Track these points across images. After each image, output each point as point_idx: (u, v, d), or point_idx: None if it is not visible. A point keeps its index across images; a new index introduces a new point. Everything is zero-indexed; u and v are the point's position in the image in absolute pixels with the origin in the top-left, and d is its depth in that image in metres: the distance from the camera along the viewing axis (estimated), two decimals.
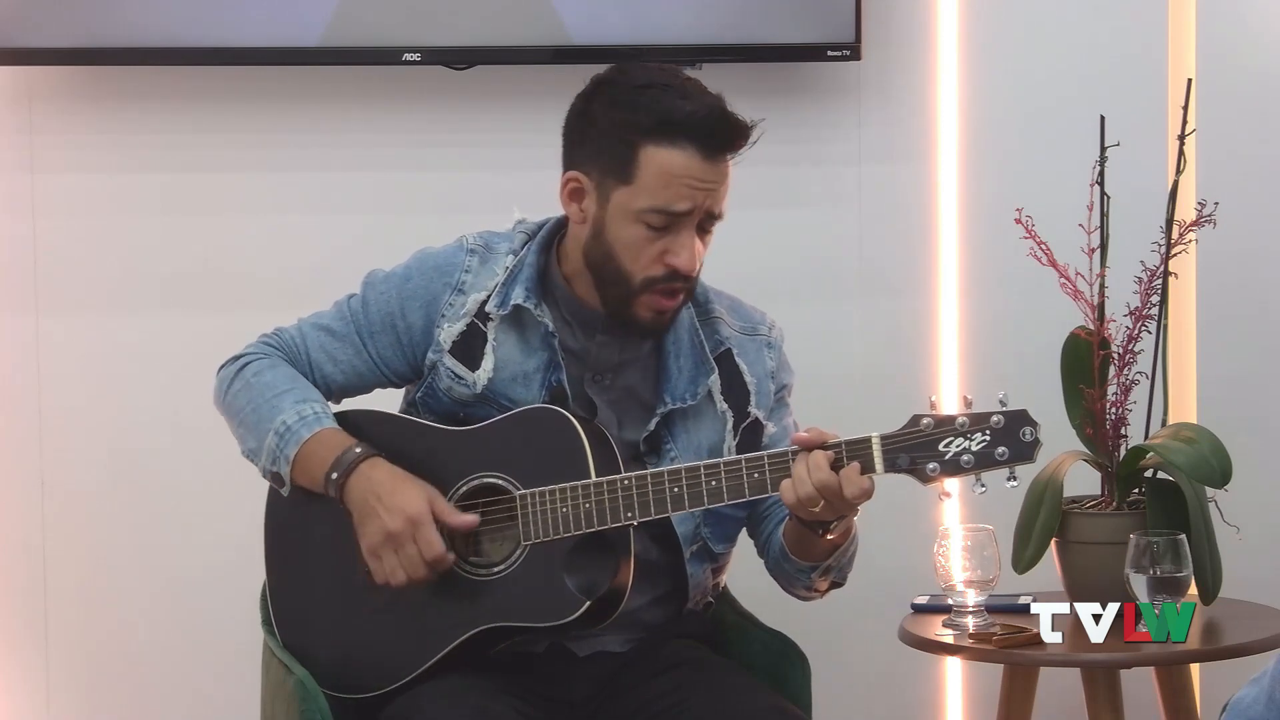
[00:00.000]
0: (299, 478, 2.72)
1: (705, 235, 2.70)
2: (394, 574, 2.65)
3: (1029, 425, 2.56)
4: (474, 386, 2.74)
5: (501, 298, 2.75)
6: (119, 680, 3.61)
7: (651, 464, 2.73)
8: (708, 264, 2.91)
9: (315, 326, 2.82)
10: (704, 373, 2.78)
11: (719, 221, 2.70)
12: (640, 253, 2.67)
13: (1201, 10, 3.63)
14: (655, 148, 2.64)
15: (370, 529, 2.65)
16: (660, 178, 2.64)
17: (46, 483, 3.60)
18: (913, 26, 3.64)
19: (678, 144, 2.63)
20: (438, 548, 2.64)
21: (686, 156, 2.64)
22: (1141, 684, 3.24)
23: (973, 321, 3.68)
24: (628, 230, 2.67)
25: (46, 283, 3.58)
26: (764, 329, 2.87)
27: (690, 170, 2.64)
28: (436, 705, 2.59)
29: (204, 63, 3.52)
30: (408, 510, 2.64)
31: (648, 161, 2.64)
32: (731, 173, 2.69)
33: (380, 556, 2.65)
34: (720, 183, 2.67)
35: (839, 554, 2.72)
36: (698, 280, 2.75)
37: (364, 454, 2.68)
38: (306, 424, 2.71)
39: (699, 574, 2.79)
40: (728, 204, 2.72)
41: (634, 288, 2.68)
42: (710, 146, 2.64)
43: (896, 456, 2.56)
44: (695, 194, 2.64)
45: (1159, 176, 3.46)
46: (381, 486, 2.66)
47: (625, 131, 2.65)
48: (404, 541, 2.63)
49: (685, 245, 2.66)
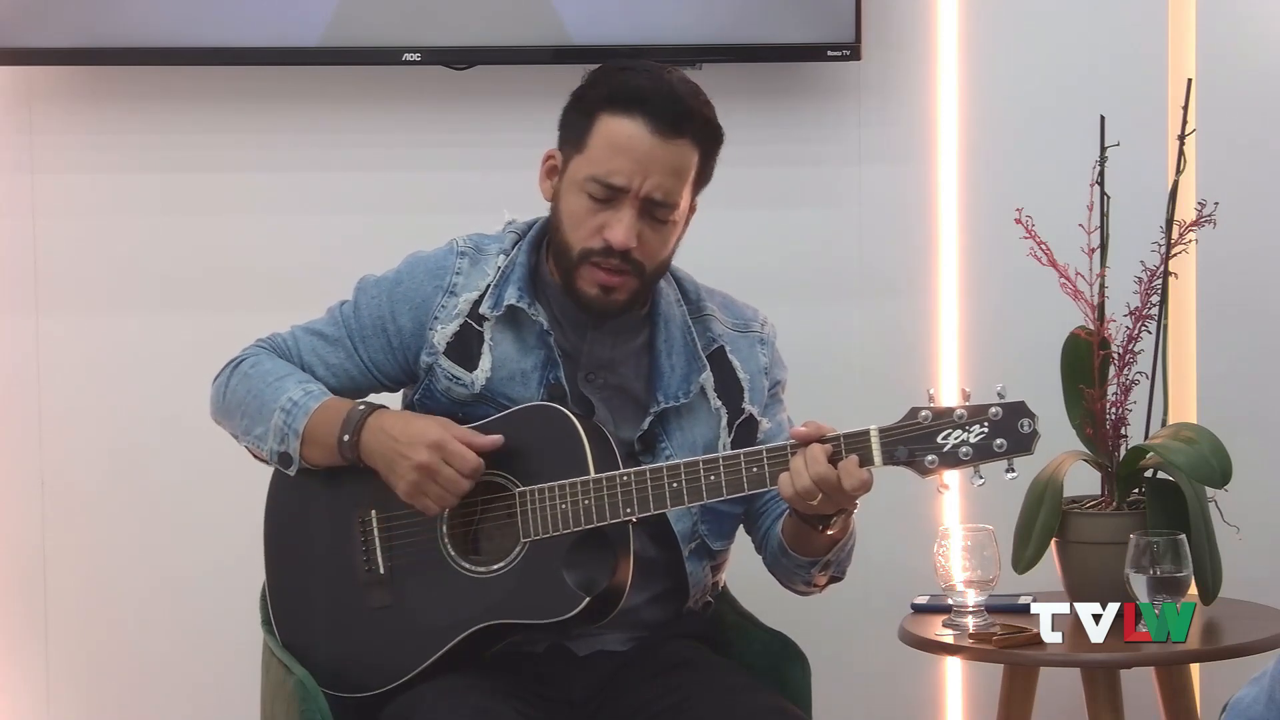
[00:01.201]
0: (310, 453, 2.72)
1: (659, 225, 2.70)
2: (442, 500, 2.66)
3: (1027, 417, 2.56)
4: (472, 387, 2.75)
5: (495, 299, 2.75)
6: (119, 680, 3.61)
7: (647, 463, 2.73)
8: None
9: (308, 331, 2.83)
10: (696, 370, 2.78)
11: (674, 213, 2.70)
12: (581, 223, 2.69)
13: (1201, 10, 3.63)
14: (609, 117, 2.68)
15: (400, 470, 2.65)
16: (606, 147, 2.67)
17: (46, 483, 3.60)
18: (913, 26, 3.64)
19: (630, 114, 2.67)
20: (471, 459, 2.64)
21: (635, 127, 2.66)
22: (1141, 684, 3.24)
23: (973, 321, 3.67)
24: (572, 200, 2.70)
25: (46, 283, 3.58)
26: (756, 325, 2.88)
27: (635, 142, 2.65)
28: (436, 705, 2.59)
29: (204, 63, 3.52)
30: (427, 437, 2.65)
31: (600, 130, 2.68)
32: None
33: (424, 491, 2.65)
34: (669, 166, 2.67)
35: (838, 549, 2.72)
36: (657, 271, 2.74)
37: (369, 409, 2.70)
38: (313, 396, 2.73)
39: (698, 571, 2.79)
40: (696, 199, 2.74)
41: (574, 259, 2.70)
42: (660, 121, 2.66)
43: (895, 449, 2.57)
44: (636, 170, 2.65)
45: (1159, 176, 3.46)
46: (394, 427, 2.67)
47: (587, 103, 2.70)
48: (436, 467, 2.64)
49: (622, 221, 2.67)
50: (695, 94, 2.71)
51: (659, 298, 2.81)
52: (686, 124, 2.67)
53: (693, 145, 2.69)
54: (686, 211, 2.74)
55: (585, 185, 2.68)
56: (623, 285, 2.71)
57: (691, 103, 2.69)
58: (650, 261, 2.71)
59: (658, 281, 2.78)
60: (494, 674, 2.68)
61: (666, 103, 2.67)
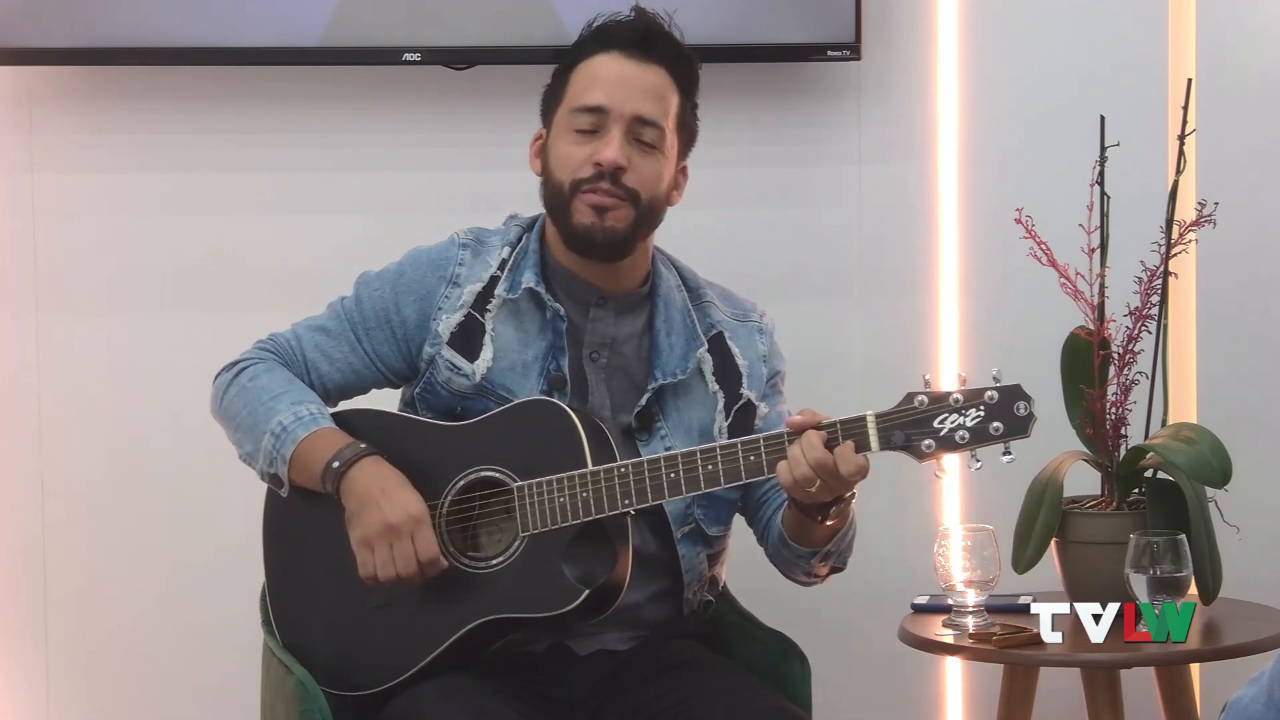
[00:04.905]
0: (296, 477, 2.72)
1: (648, 151, 2.74)
2: (384, 568, 2.65)
3: (1023, 400, 2.57)
4: (473, 377, 2.75)
5: (510, 281, 2.76)
6: (119, 680, 3.61)
7: (642, 441, 2.75)
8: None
9: (310, 328, 2.83)
10: (694, 348, 2.80)
11: (661, 139, 2.74)
12: (570, 160, 2.74)
13: (1201, 10, 3.63)
14: (583, 63, 2.76)
15: (368, 518, 2.65)
16: (584, 81, 2.75)
17: (46, 483, 3.60)
18: (913, 26, 3.64)
19: (604, 49, 2.76)
20: (434, 549, 2.64)
21: (609, 58, 2.75)
22: (1141, 684, 3.25)
23: (972, 321, 3.67)
24: (561, 145, 2.75)
25: (46, 283, 3.58)
26: (755, 316, 2.91)
27: (610, 69, 2.74)
28: (436, 705, 2.59)
29: (204, 63, 3.52)
30: (410, 508, 2.64)
31: (578, 74, 2.76)
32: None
33: (373, 548, 2.65)
34: (646, 87, 2.74)
35: (838, 539, 2.72)
36: (652, 205, 2.75)
37: (369, 449, 2.69)
38: (303, 424, 2.72)
39: (692, 556, 2.79)
40: (686, 163, 2.80)
41: (567, 195, 2.73)
42: (629, 46, 2.74)
43: (891, 434, 2.57)
44: (615, 91, 2.72)
45: (1159, 176, 3.46)
46: (388, 481, 2.67)
47: (561, 66, 2.79)
48: (402, 535, 2.63)
49: (609, 144, 2.72)
50: (664, 26, 2.79)
51: (659, 280, 2.82)
52: (655, 45, 2.76)
53: (666, 71, 2.76)
54: (674, 149, 2.78)
55: (569, 121, 2.74)
56: (616, 208, 2.73)
57: (657, 27, 2.77)
58: (645, 190, 2.74)
59: (654, 219, 2.79)
60: (494, 673, 2.68)
61: (634, 29, 2.76)
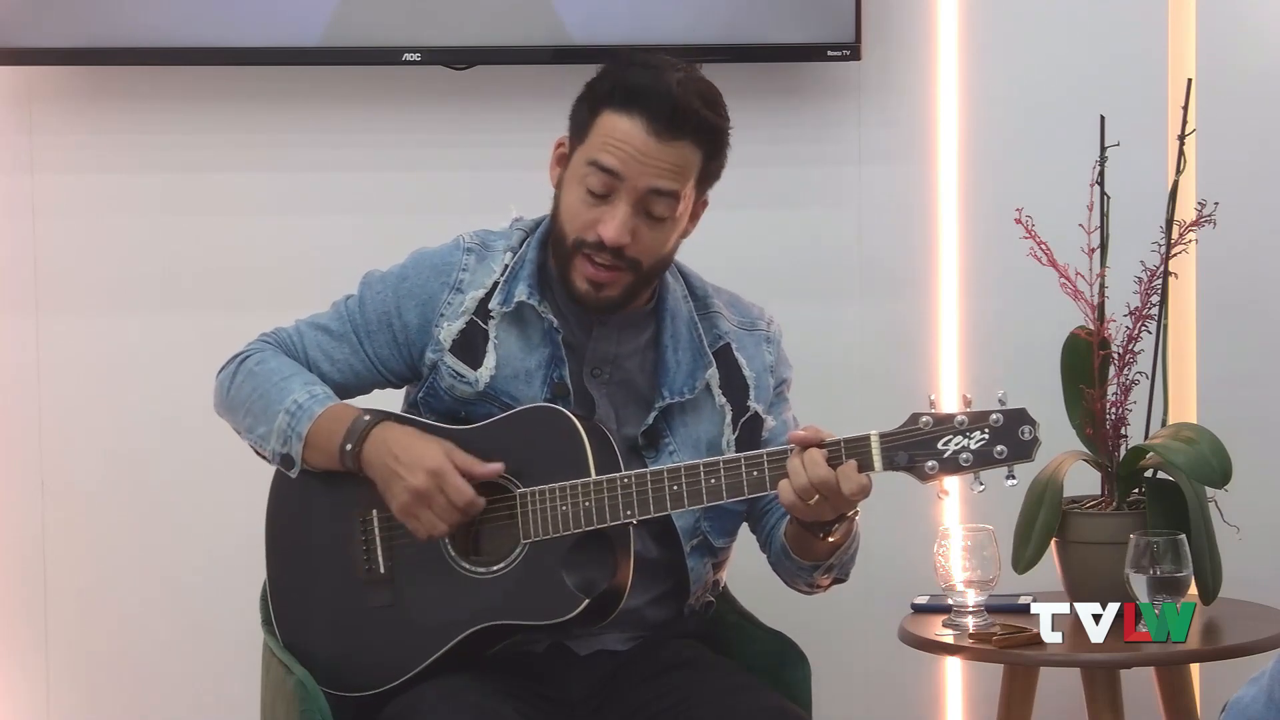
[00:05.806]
0: (311, 457, 2.72)
1: (657, 223, 2.69)
2: (433, 528, 2.65)
3: (1028, 424, 2.56)
4: (476, 384, 2.75)
5: (504, 295, 2.75)
6: (119, 680, 3.61)
7: (650, 458, 2.74)
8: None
9: (313, 326, 2.82)
10: (702, 366, 2.78)
11: (673, 210, 2.68)
12: (576, 215, 2.70)
13: (1201, 10, 3.63)
14: (610, 113, 2.68)
15: (396, 490, 2.65)
16: (604, 138, 2.67)
17: (46, 483, 3.60)
18: (913, 26, 3.64)
19: (629, 112, 2.66)
20: (467, 493, 2.64)
21: (633, 125, 2.66)
22: (1141, 684, 3.24)
23: (973, 321, 3.67)
24: (572, 191, 2.71)
25: (46, 283, 3.58)
26: (762, 324, 2.88)
27: (632, 140, 2.65)
28: (436, 705, 2.59)
29: (204, 63, 3.52)
30: (427, 463, 2.64)
31: (600, 125, 2.68)
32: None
33: (415, 515, 2.65)
34: (666, 165, 2.66)
35: (840, 553, 2.72)
36: (656, 267, 2.73)
37: (374, 419, 2.70)
38: (318, 400, 2.72)
39: (699, 568, 2.79)
40: (707, 195, 2.74)
41: (568, 248, 2.71)
42: (656, 122, 2.65)
43: (895, 454, 2.57)
44: (632, 164, 2.65)
45: (1159, 176, 3.46)
46: (397, 445, 2.67)
47: (592, 97, 2.71)
48: (432, 495, 2.64)
49: (615, 217, 2.67)
50: (699, 94, 2.68)
51: (666, 293, 2.81)
52: (683, 126, 2.66)
53: (693, 146, 2.68)
54: (689, 209, 2.73)
55: (584, 173, 2.68)
56: (613, 281, 2.70)
57: (689, 104, 2.66)
58: (647, 258, 2.71)
59: (657, 276, 2.77)
60: (494, 674, 2.68)
61: (664, 104, 2.65)
